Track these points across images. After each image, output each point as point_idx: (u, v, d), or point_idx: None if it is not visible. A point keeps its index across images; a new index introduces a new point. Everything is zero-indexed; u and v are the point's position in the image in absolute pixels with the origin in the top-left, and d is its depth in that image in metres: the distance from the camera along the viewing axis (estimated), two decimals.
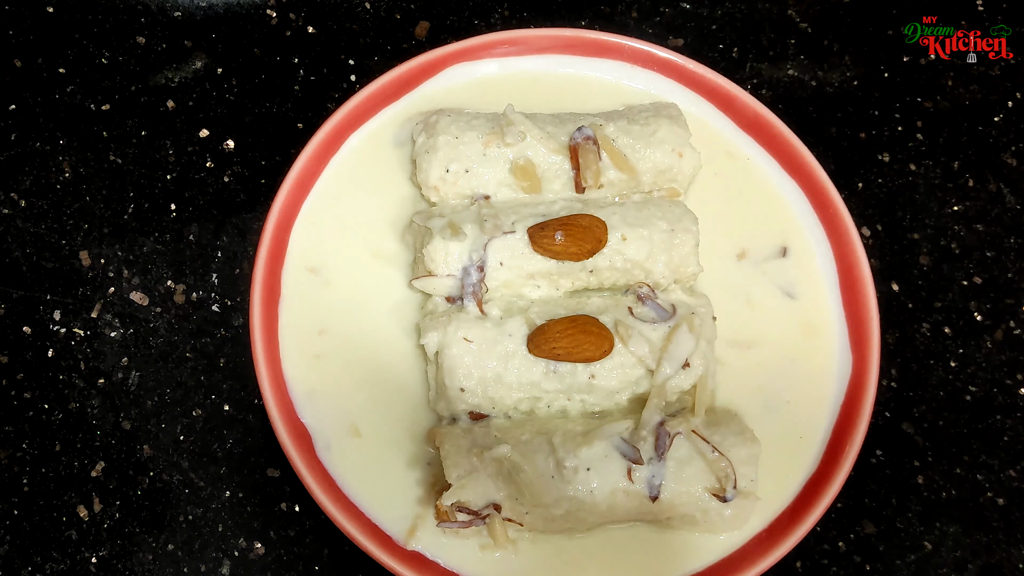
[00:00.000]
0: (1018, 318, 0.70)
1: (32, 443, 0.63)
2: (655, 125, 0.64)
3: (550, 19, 0.78)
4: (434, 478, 0.58)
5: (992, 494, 0.65)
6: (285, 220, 0.63)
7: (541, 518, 0.55)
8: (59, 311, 0.66)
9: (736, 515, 0.56)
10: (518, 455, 0.55)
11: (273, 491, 0.62)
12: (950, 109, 0.77)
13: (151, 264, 0.67)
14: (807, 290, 0.65)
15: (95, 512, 0.61)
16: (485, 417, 0.59)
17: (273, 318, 0.61)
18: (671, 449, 0.56)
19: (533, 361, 0.57)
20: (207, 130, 0.72)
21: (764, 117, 0.68)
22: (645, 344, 0.58)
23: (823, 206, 0.66)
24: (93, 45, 0.74)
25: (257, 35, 0.75)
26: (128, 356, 0.65)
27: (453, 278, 0.60)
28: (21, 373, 0.64)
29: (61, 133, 0.71)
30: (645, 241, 0.60)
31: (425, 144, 0.63)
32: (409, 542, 0.56)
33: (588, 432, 0.57)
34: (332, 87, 0.74)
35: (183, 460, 0.62)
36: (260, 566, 0.60)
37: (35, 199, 0.69)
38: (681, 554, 0.58)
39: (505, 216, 0.61)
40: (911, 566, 0.63)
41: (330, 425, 0.59)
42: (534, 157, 0.63)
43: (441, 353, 0.57)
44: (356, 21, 0.76)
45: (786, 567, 0.62)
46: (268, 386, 0.58)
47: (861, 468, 0.60)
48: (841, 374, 0.62)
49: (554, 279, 0.61)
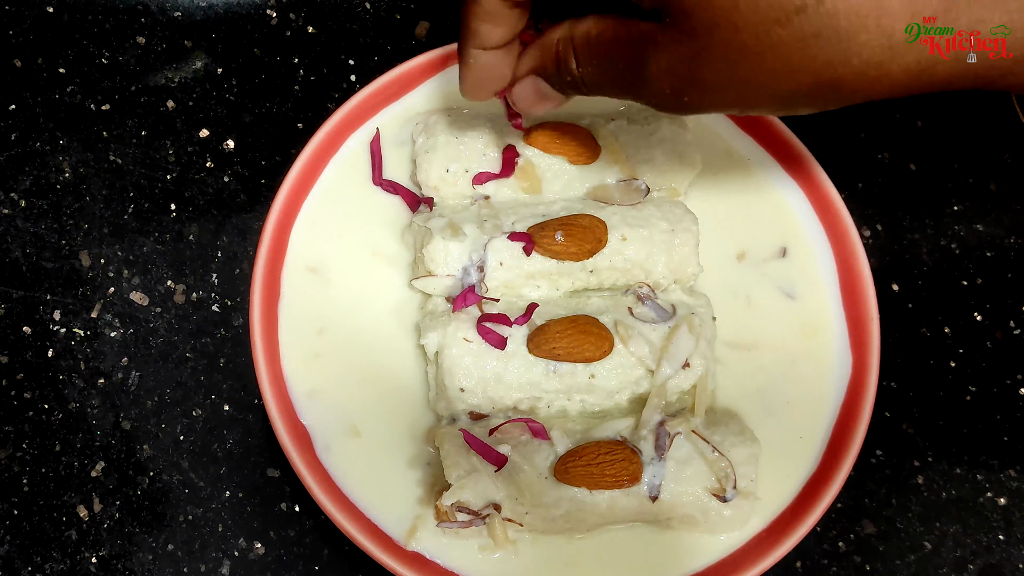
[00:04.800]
0: (1018, 318, 0.70)
1: (32, 443, 0.63)
2: (655, 125, 0.64)
3: None
4: (434, 478, 0.58)
5: (992, 494, 0.65)
6: (285, 220, 0.63)
7: (541, 518, 0.55)
8: (59, 311, 0.66)
9: (736, 515, 0.56)
10: (518, 455, 0.55)
11: (273, 491, 0.62)
12: (950, 109, 0.77)
13: (151, 264, 0.67)
14: (807, 290, 0.65)
15: (95, 512, 0.61)
16: (485, 417, 0.59)
17: (273, 318, 0.61)
18: (671, 449, 0.56)
19: (533, 361, 0.57)
20: (207, 130, 0.72)
21: (764, 117, 0.68)
22: (645, 344, 0.58)
23: (823, 206, 0.66)
24: (93, 45, 0.74)
25: (257, 35, 0.75)
26: (128, 356, 0.65)
27: (453, 278, 0.60)
28: (21, 373, 0.64)
29: (61, 133, 0.71)
30: (645, 241, 0.60)
31: (425, 144, 0.63)
32: (409, 542, 0.57)
33: (588, 432, 0.57)
34: (332, 87, 0.74)
35: (183, 460, 0.62)
36: (260, 566, 0.60)
37: (35, 199, 0.69)
38: (681, 554, 0.58)
39: (505, 216, 0.61)
40: (911, 566, 0.63)
41: (330, 425, 0.59)
42: (534, 157, 0.63)
43: (441, 353, 0.57)
44: (356, 21, 0.76)
45: (786, 567, 0.62)
46: (268, 386, 0.58)
47: (861, 468, 0.60)
48: (841, 374, 0.62)
49: (554, 279, 0.61)
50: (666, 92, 0.40)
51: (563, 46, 0.45)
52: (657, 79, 0.40)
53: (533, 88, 0.48)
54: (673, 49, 0.39)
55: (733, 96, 0.40)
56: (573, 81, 0.46)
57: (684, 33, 0.38)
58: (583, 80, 0.45)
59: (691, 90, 0.40)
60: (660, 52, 0.40)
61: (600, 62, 0.43)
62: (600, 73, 0.44)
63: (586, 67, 0.44)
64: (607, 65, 0.43)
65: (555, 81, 0.47)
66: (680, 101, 0.41)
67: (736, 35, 0.37)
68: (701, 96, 0.40)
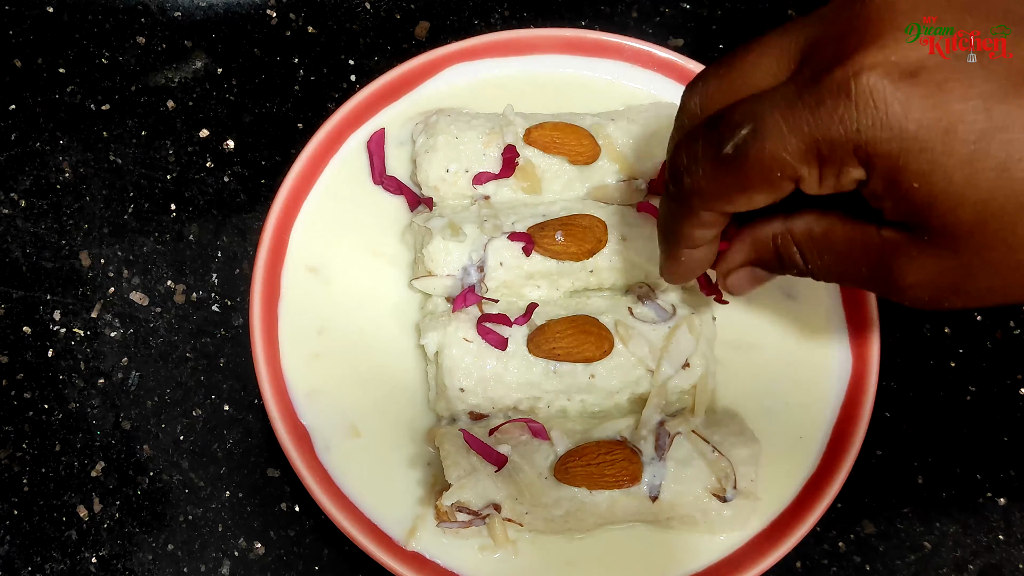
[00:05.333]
0: (1018, 318, 0.70)
1: (32, 443, 0.63)
2: (655, 125, 0.64)
3: (550, 19, 0.78)
4: (434, 478, 0.58)
5: (992, 494, 0.65)
6: (285, 220, 0.63)
7: (541, 518, 0.55)
8: (59, 311, 0.66)
9: (736, 515, 0.56)
10: (518, 455, 0.55)
11: (273, 491, 0.62)
12: None
13: (151, 264, 0.67)
14: (807, 290, 0.64)
15: (95, 512, 0.61)
16: (485, 417, 0.59)
17: (273, 318, 0.61)
18: (671, 449, 0.56)
19: (533, 361, 0.57)
20: (207, 130, 0.72)
21: None
22: (645, 344, 0.58)
23: None
24: (93, 45, 0.74)
25: (257, 35, 0.75)
26: (128, 356, 0.65)
27: (453, 278, 0.60)
28: (21, 373, 0.64)
29: (61, 133, 0.71)
30: (645, 241, 0.60)
31: (425, 144, 0.63)
32: (409, 542, 0.56)
33: (587, 431, 0.57)
34: (332, 87, 0.74)
35: (183, 460, 0.62)
36: (260, 566, 0.60)
37: (35, 199, 0.69)
38: (681, 554, 0.58)
39: (505, 216, 0.61)
40: (911, 566, 0.63)
41: (330, 425, 0.59)
42: (534, 157, 0.63)
43: (441, 353, 0.57)
44: (356, 21, 0.76)
45: (786, 567, 0.62)
46: (268, 386, 0.58)
47: (861, 468, 0.60)
48: (841, 374, 0.62)
49: (554, 279, 0.61)
50: (924, 300, 0.39)
51: (782, 241, 0.44)
52: (913, 289, 0.39)
53: (749, 276, 0.48)
54: (932, 263, 0.38)
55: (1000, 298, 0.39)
56: (800, 272, 0.45)
57: (947, 249, 0.37)
58: (814, 272, 0.44)
59: (954, 298, 0.39)
60: (916, 264, 0.38)
61: (834, 261, 0.42)
62: (835, 271, 0.43)
63: (816, 262, 0.43)
64: (844, 265, 0.42)
65: (775, 270, 0.47)
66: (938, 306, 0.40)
67: (1012, 254, 0.36)
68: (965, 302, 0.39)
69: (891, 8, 0.36)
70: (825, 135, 0.35)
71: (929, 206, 0.35)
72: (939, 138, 0.34)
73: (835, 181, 0.37)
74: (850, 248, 0.41)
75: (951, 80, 0.34)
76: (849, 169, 0.36)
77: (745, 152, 0.38)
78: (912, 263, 0.38)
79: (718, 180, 0.40)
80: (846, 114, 0.35)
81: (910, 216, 0.37)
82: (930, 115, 0.34)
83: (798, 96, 0.36)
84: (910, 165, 0.34)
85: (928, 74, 0.34)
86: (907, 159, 0.34)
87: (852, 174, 0.36)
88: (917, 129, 0.34)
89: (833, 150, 0.36)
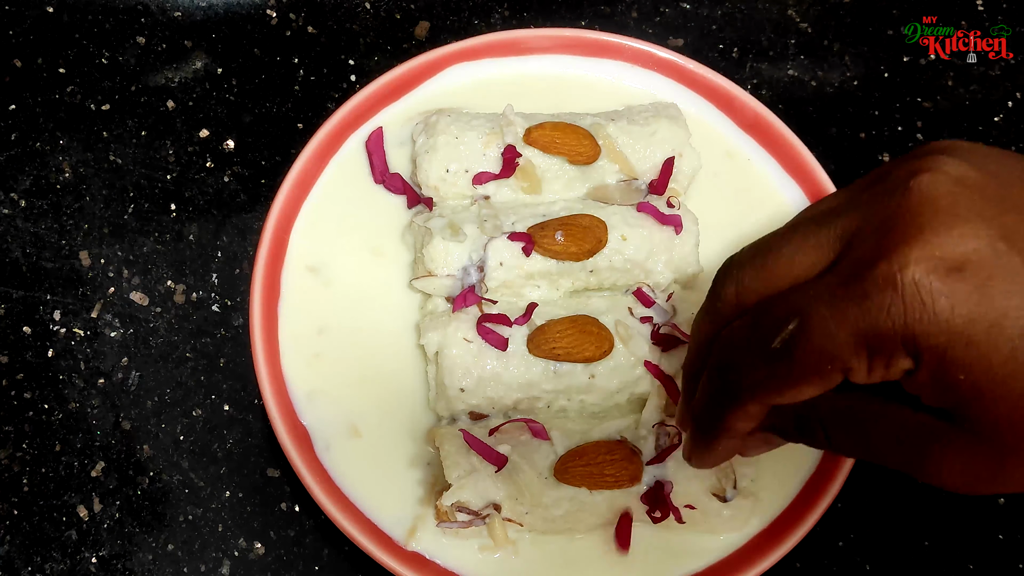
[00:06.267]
0: None
1: (32, 443, 0.63)
2: (655, 125, 0.64)
3: (550, 19, 0.78)
4: (434, 478, 0.58)
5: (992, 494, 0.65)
6: (285, 220, 0.63)
7: (541, 518, 0.55)
8: (59, 311, 0.66)
9: (736, 515, 0.56)
10: (518, 455, 0.55)
11: (273, 491, 0.62)
12: (950, 109, 0.77)
13: (151, 264, 0.67)
14: None
15: (95, 512, 0.61)
16: (485, 417, 0.59)
17: (273, 318, 0.61)
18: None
19: (533, 361, 0.57)
20: (207, 130, 0.72)
21: (764, 117, 0.68)
22: (645, 344, 0.58)
23: None
24: (93, 45, 0.74)
25: (257, 35, 0.75)
26: (128, 356, 0.65)
27: (453, 278, 0.60)
28: (21, 373, 0.64)
29: (61, 133, 0.71)
30: (645, 241, 0.60)
31: (425, 144, 0.63)
32: (409, 542, 0.56)
33: (587, 432, 0.57)
34: (332, 87, 0.74)
35: (183, 460, 0.62)
36: (260, 566, 0.60)
37: (35, 199, 0.69)
38: (681, 554, 0.58)
39: (505, 216, 0.61)
40: (911, 566, 0.63)
41: (330, 425, 0.59)
42: (534, 157, 0.63)
43: (441, 353, 0.57)
44: (356, 21, 0.76)
45: (786, 567, 0.62)
46: (268, 386, 0.58)
47: (861, 468, 0.60)
48: None
49: (554, 279, 0.61)
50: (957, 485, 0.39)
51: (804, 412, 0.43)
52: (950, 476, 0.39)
53: (763, 440, 0.47)
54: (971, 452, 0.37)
55: None
56: (820, 445, 0.44)
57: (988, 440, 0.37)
58: (835, 448, 0.44)
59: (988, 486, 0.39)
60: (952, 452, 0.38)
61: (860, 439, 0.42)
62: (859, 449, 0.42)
63: (839, 437, 0.43)
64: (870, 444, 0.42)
65: (791, 439, 0.46)
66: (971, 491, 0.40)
67: None
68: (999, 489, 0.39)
69: (932, 203, 0.36)
70: (873, 328, 0.35)
71: (974, 398, 0.36)
72: (984, 332, 0.34)
73: (884, 371, 0.37)
74: (880, 429, 0.41)
75: (996, 276, 0.35)
76: (899, 360, 0.36)
77: (794, 346, 0.38)
78: (949, 450, 0.38)
79: (768, 374, 0.40)
80: (893, 308, 0.35)
81: (953, 405, 0.37)
82: (976, 310, 0.34)
83: (843, 288, 0.36)
84: (957, 358, 0.35)
85: (973, 269, 0.34)
86: (954, 352, 0.35)
87: (901, 364, 0.36)
88: (964, 324, 0.34)
89: (883, 342, 0.36)
